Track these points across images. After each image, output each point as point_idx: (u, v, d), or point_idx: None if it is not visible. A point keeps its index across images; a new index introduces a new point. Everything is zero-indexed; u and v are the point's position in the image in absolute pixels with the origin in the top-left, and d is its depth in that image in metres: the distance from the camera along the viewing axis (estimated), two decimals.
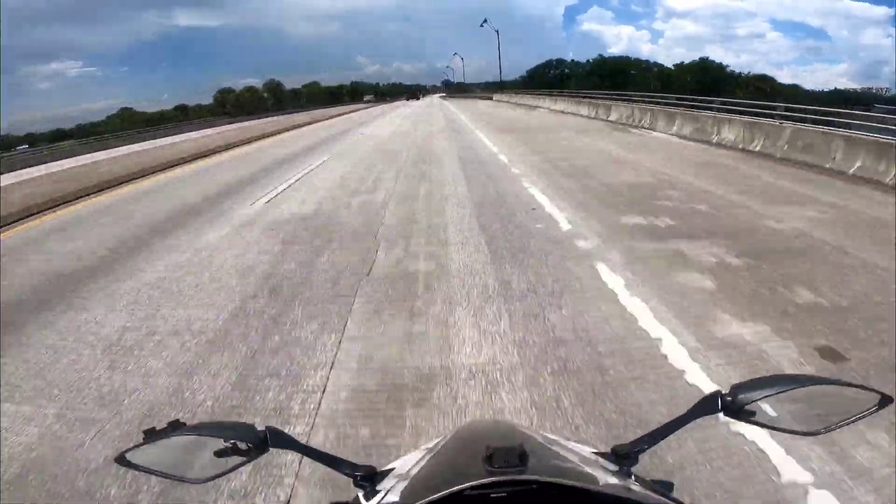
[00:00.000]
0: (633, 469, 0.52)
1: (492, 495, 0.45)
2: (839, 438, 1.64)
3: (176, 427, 0.55)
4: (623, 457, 0.54)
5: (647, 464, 1.06)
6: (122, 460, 0.54)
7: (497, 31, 39.88)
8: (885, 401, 0.53)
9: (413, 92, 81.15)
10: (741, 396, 0.53)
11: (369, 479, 0.56)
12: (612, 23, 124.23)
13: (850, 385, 0.54)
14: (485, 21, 41.58)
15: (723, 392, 0.55)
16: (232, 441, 0.55)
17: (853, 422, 0.54)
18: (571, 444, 0.67)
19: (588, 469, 0.53)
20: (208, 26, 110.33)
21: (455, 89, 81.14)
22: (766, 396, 0.53)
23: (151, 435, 0.54)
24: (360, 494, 0.54)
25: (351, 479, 0.57)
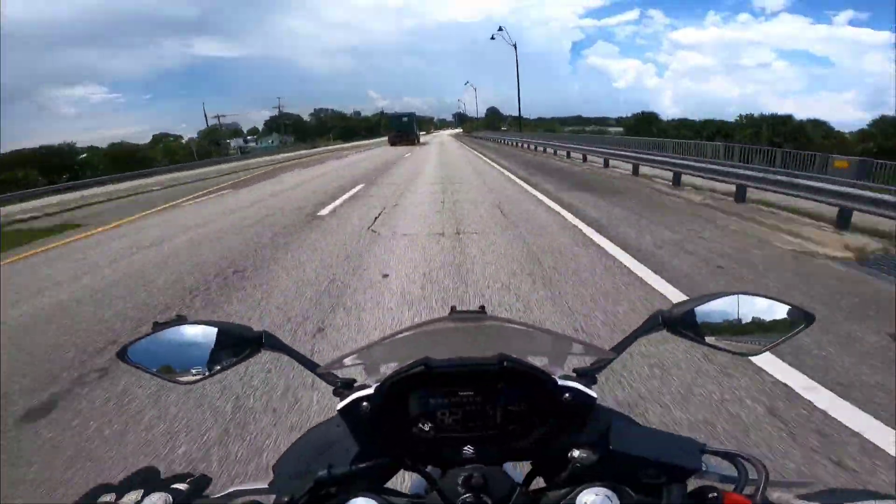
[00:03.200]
0: (593, 388, 0.53)
1: (457, 371, 0.50)
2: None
3: (181, 321, 0.61)
4: (582, 374, 0.57)
5: None
6: (122, 355, 0.59)
7: (517, 72, 35.31)
8: (809, 319, 0.59)
9: (403, 125, 42.61)
10: (676, 311, 0.59)
11: (348, 385, 0.58)
12: (617, 56, 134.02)
13: (777, 301, 0.60)
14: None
15: (663, 310, 0.61)
16: (229, 340, 0.61)
17: (782, 342, 0.59)
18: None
19: (555, 367, 0.58)
20: (227, 56, 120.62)
21: (483, 125, 69.00)
22: (698, 306, 0.59)
23: (157, 327, 0.61)
24: (339, 400, 0.55)
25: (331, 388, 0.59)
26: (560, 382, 0.51)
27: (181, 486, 0.50)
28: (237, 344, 0.61)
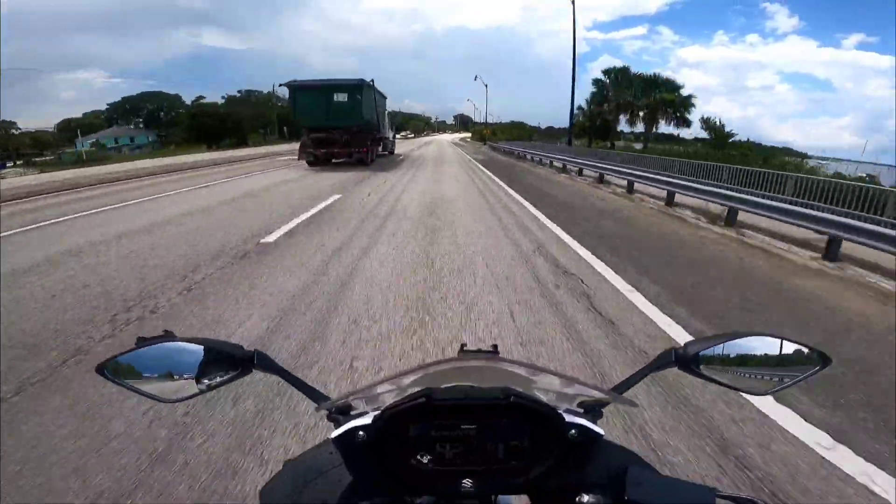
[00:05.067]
0: (598, 423, 0.52)
1: (463, 403, 0.48)
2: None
3: (168, 338, 0.57)
4: (588, 411, 0.55)
5: None
6: (101, 369, 0.56)
7: (573, 70, 21.54)
8: (825, 361, 0.58)
9: (339, 113, 15.58)
10: (690, 349, 0.58)
11: (343, 411, 0.55)
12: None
13: (793, 342, 0.58)
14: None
15: (676, 348, 0.60)
16: (219, 358, 0.58)
17: (798, 382, 0.58)
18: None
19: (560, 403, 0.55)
20: (233, 49, 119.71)
21: (509, 135, 47.75)
22: (712, 346, 0.58)
23: (142, 342, 0.57)
24: (333, 427, 0.52)
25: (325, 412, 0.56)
26: (567, 418, 0.49)
27: None
28: (227, 363, 0.59)
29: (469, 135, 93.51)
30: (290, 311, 3.42)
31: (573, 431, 0.48)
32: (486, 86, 55.76)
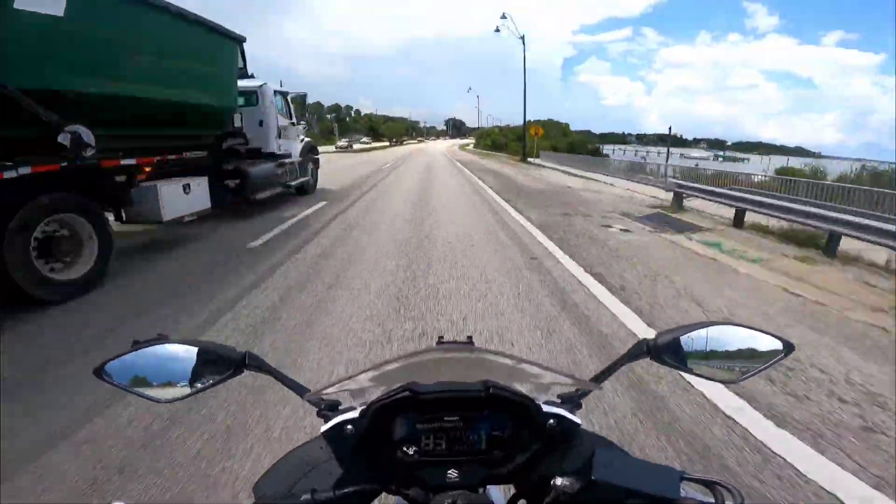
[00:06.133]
0: (576, 413, 0.54)
1: (442, 396, 0.50)
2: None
3: (162, 340, 0.60)
4: (566, 401, 0.57)
5: None
6: (98, 372, 0.58)
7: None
8: (788, 348, 0.60)
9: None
10: (661, 339, 0.61)
11: (332, 406, 0.58)
12: (608, 73, 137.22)
13: (758, 331, 0.62)
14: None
15: (648, 340, 0.62)
16: (211, 359, 0.60)
17: (764, 370, 0.61)
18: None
19: (539, 395, 0.57)
20: None
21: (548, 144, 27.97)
22: (682, 335, 0.61)
23: (137, 345, 0.59)
24: (323, 422, 0.55)
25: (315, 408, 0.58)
26: (545, 409, 0.51)
27: None
28: (219, 364, 0.61)
29: (469, 142, 76.14)
30: None
31: (551, 421, 0.51)
32: (479, 97, 51.29)
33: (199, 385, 0.60)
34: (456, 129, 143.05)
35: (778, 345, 0.61)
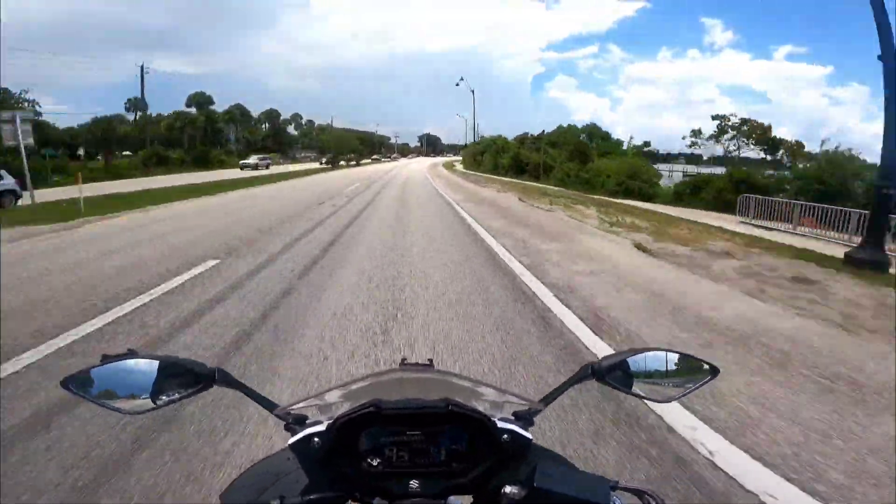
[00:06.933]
0: (529, 430, 0.58)
1: (405, 413, 0.53)
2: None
3: (131, 355, 0.60)
4: (519, 418, 0.61)
5: None
6: (65, 383, 0.58)
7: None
8: (714, 371, 0.69)
9: None
10: (605, 363, 0.67)
11: (299, 420, 0.60)
12: (575, 90, 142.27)
13: (689, 357, 0.70)
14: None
15: (594, 363, 0.68)
16: (180, 373, 0.61)
17: (694, 390, 0.69)
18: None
19: (495, 412, 0.61)
20: (184, 73, 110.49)
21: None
22: (623, 359, 0.68)
23: (107, 359, 0.60)
24: (290, 436, 0.57)
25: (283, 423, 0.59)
26: (500, 425, 0.56)
27: None
28: (188, 378, 0.62)
29: (451, 159, 73.10)
30: None
31: (505, 436, 0.55)
32: (474, 104, 49.02)
33: (164, 398, 0.60)
34: (430, 145, 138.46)
35: (706, 368, 0.70)
